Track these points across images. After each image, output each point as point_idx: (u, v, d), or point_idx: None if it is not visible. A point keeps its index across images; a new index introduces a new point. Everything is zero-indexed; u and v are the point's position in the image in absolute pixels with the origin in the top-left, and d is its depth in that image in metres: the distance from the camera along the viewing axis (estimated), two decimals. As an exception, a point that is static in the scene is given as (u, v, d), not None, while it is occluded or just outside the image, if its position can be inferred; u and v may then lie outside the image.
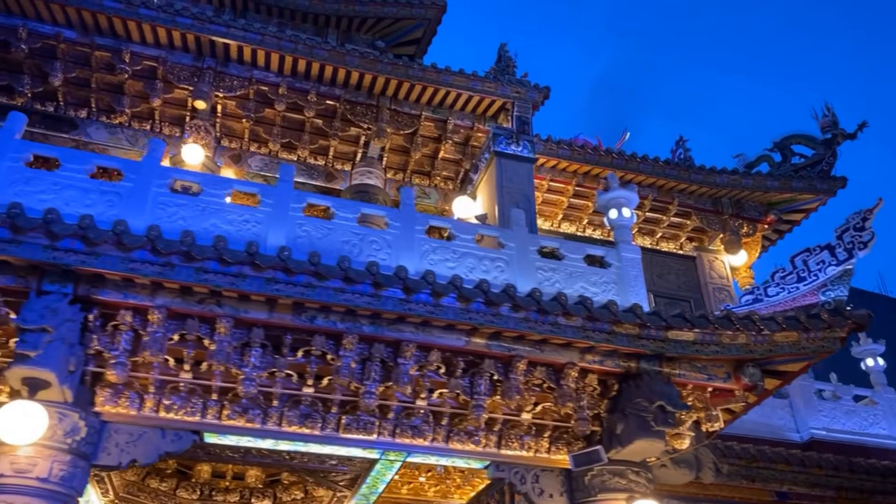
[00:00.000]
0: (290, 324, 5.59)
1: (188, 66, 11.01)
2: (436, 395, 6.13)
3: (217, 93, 11.04)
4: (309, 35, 12.71)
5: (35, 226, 4.80)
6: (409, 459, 6.37)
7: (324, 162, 12.22)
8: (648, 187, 12.79)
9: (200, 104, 10.90)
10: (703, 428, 6.61)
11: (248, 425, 5.83)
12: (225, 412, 5.82)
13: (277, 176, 11.65)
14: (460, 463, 6.45)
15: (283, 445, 6.05)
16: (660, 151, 13.46)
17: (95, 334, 5.34)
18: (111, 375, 5.35)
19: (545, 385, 6.20)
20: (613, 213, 7.71)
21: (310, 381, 5.89)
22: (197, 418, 5.72)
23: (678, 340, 5.97)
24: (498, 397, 6.18)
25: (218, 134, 11.62)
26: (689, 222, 12.97)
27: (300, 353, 5.76)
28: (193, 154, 10.93)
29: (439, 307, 5.49)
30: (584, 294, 6.44)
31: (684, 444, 6.26)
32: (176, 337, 5.47)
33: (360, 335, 5.67)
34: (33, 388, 5.00)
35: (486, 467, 6.47)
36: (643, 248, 10.72)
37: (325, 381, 5.95)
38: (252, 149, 11.95)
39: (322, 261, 5.51)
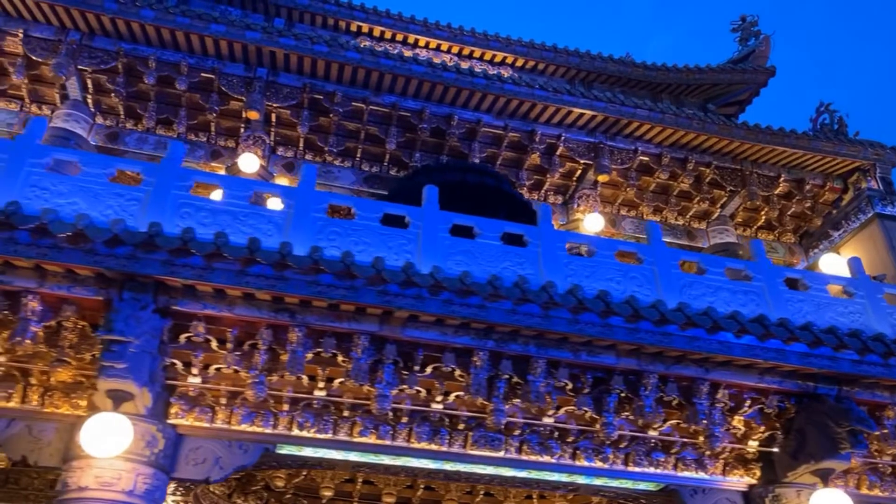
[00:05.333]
0: None
1: (584, 141, 12.07)
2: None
3: (613, 165, 11.99)
4: (646, 100, 13.60)
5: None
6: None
7: (682, 222, 13.09)
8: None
9: (603, 177, 11.97)
10: None
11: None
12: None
13: (644, 237, 12.76)
14: None
15: None
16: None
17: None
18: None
19: None
20: None
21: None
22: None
23: None
24: None
25: (596, 201, 12.57)
26: None
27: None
28: (595, 222, 11.98)
29: None
30: None
31: None
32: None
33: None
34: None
35: None
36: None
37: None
38: (623, 212, 12.90)
39: None
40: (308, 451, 5.92)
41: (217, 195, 7.18)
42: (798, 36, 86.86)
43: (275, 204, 7.90)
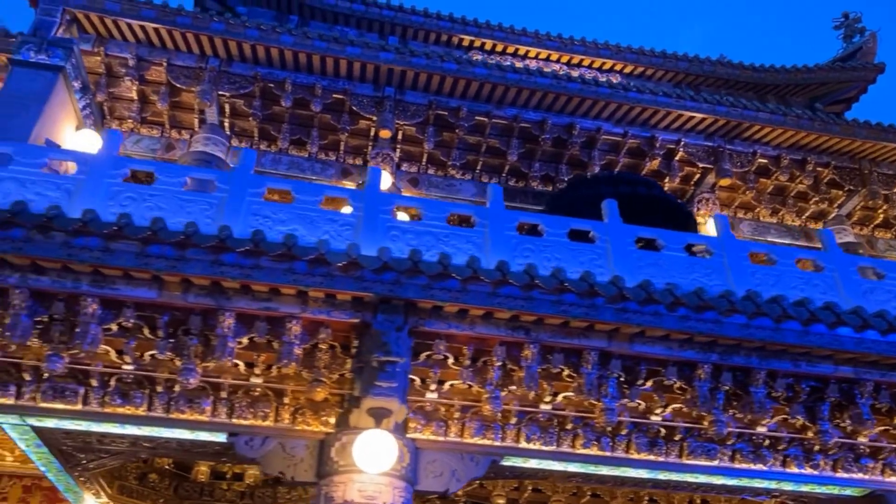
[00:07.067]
0: None
1: (702, 146, 12.13)
2: None
3: (733, 168, 12.05)
4: (750, 100, 13.58)
5: None
6: None
7: (799, 223, 13.06)
8: None
9: (725, 181, 12.04)
10: None
11: None
12: None
13: (768, 239, 12.77)
14: None
15: None
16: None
17: None
18: None
19: None
20: None
21: None
22: None
23: None
24: None
25: (715, 204, 12.61)
26: None
27: None
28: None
29: None
30: None
31: None
32: None
33: None
34: None
35: None
36: None
37: None
38: (740, 215, 12.95)
39: None
40: (533, 463, 6.16)
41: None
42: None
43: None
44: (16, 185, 6.25)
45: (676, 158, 12.18)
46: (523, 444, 6.04)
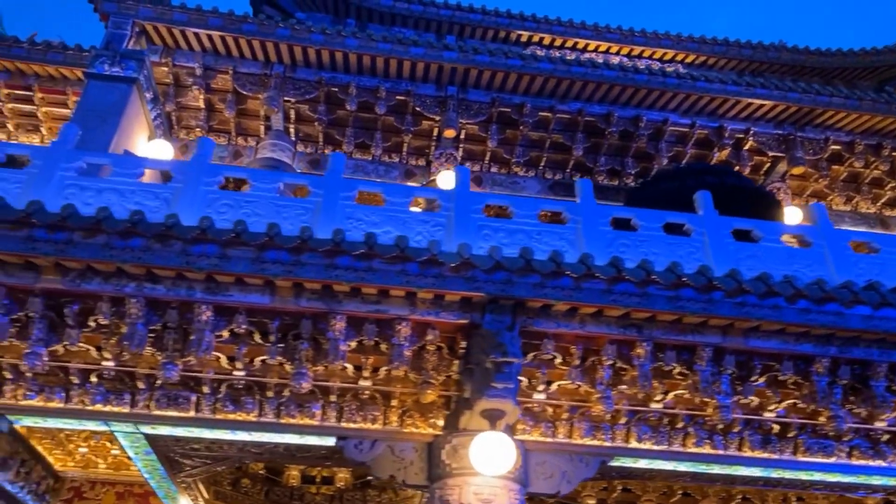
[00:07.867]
0: None
1: (773, 134, 11.84)
2: None
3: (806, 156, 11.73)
4: (821, 85, 13.18)
5: None
6: None
7: (874, 210, 12.65)
8: None
9: (798, 169, 11.73)
10: None
11: None
12: None
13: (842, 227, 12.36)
14: None
15: None
16: None
17: None
18: None
19: None
20: None
21: None
22: None
23: None
24: None
25: (787, 193, 12.29)
26: None
27: None
28: (794, 215, 11.72)
29: None
30: None
31: None
32: None
33: None
34: None
35: None
36: None
37: None
38: (811, 203, 12.54)
39: None
40: (642, 463, 6.03)
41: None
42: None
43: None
44: (116, 195, 6.34)
45: (746, 148, 11.88)
46: (633, 444, 5.91)
